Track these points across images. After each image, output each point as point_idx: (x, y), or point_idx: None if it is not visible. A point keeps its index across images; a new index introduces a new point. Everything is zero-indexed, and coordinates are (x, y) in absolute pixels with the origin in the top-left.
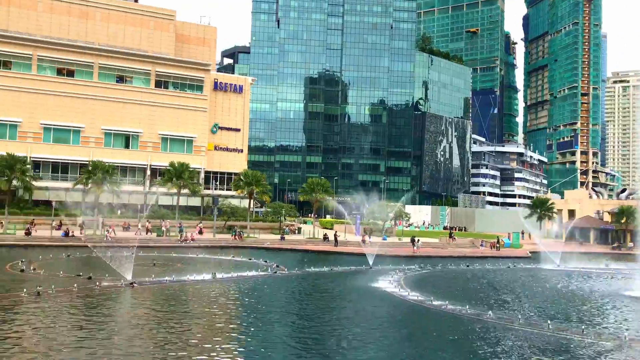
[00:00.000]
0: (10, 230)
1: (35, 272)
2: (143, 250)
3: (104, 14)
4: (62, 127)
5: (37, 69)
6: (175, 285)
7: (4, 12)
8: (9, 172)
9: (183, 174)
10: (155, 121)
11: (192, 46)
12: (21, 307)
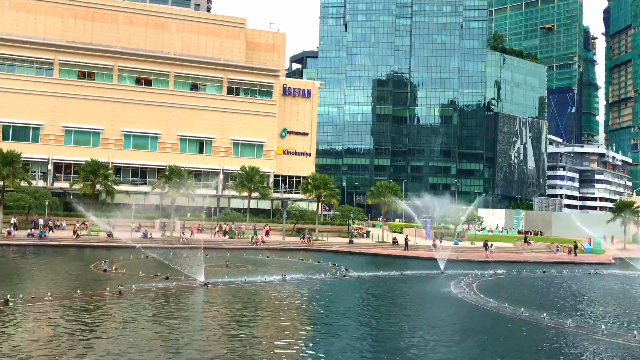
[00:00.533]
0: (94, 232)
1: (116, 272)
2: (216, 251)
3: (178, 25)
4: (141, 134)
5: (118, 79)
6: (246, 286)
7: (88, 26)
8: (93, 177)
9: (253, 177)
10: (227, 127)
11: (262, 53)
12: (104, 305)
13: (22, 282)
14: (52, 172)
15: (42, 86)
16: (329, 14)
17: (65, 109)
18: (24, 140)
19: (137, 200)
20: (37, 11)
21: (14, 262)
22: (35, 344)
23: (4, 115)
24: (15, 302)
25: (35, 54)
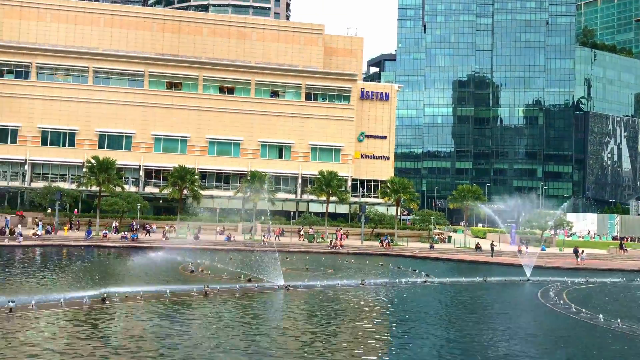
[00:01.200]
0: (181, 235)
1: (202, 273)
2: (296, 255)
3: (259, 34)
4: (224, 141)
5: (203, 88)
6: (326, 290)
7: (175, 38)
8: (181, 182)
9: (331, 182)
10: (306, 132)
11: (340, 58)
12: (192, 305)
13: (117, 281)
14: (143, 177)
15: (134, 97)
16: (407, 16)
17: (155, 118)
18: (118, 148)
19: (221, 204)
20: (128, 26)
21: (109, 263)
22: (128, 340)
23: (100, 125)
24: (112, 300)
25: (127, 67)
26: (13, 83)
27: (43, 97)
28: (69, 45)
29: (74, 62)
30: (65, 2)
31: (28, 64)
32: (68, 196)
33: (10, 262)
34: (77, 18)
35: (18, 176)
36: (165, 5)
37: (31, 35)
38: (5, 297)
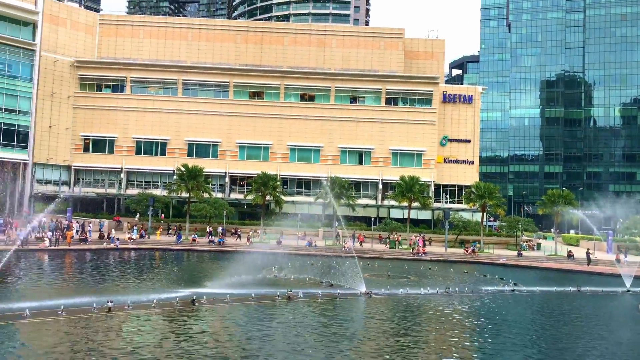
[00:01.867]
0: (266, 239)
1: (285, 277)
2: (377, 261)
3: (338, 41)
4: (305, 147)
5: (284, 96)
6: (408, 297)
7: (258, 49)
8: (264, 188)
9: (413, 187)
10: (386, 137)
11: (421, 61)
12: (276, 308)
13: (203, 283)
14: (229, 184)
15: (220, 107)
16: (490, 16)
17: (239, 127)
18: (205, 156)
19: (302, 209)
20: (214, 39)
21: (197, 266)
22: (215, 342)
23: (189, 135)
24: (200, 302)
25: (213, 78)
26: (110, 97)
27: (137, 109)
28: (160, 60)
29: (165, 75)
30: (156, 19)
31: (123, 78)
32: (160, 202)
33: (109, 264)
34: (167, 33)
35: (115, 183)
36: (249, 18)
37: (126, 52)
38: (104, 297)
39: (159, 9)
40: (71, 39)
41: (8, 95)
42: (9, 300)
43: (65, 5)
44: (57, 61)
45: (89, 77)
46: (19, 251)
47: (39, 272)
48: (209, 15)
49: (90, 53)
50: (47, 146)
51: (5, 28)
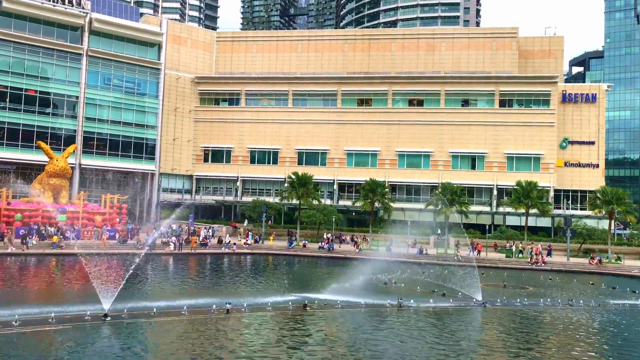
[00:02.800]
0: (374, 246)
1: (396, 285)
2: (492, 270)
3: (448, 44)
4: (414, 153)
5: (392, 102)
6: (527, 308)
7: (365, 57)
8: (372, 195)
9: (531, 193)
10: (500, 140)
11: (537, 60)
12: (386, 316)
13: (315, 289)
14: (337, 191)
15: (328, 115)
16: (615, 7)
17: (347, 134)
18: (314, 164)
19: (412, 217)
20: (322, 49)
21: (308, 271)
22: (325, 347)
23: (299, 144)
24: (312, 307)
25: (322, 88)
26: (227, 109)
27: (251, 121)
28: (271, 72)
29: (276, 86)
30: (268, 34)
31: (239, 92)
32: (272, 209)
33: (226, 267)
34: (278, 47)
35: (232, 191)
36: (356, 26)
37: (241, 66)
38: (223, 299)
39: (271, 24)
40: (191, 57)
41: (137, 111)
42: (139, 300)
43: (186, 26)
44: (179, 78)
45: (207, 91)
46: (148, 254)
47: (164, 274)
48: (318, 26)
49: (209, 69)
50: (171, 157)
51: (134, 50)
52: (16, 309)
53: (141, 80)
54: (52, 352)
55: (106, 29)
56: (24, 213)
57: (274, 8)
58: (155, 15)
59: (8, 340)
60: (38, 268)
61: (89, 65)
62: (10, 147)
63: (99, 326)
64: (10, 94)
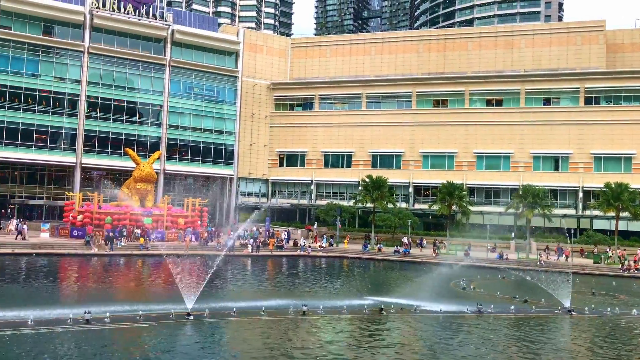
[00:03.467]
0: (451, 251)
1: (475, 291)
2: (579, 277)
3: (528, 40)
4: (493, 154)
5: (469, 102)
6: (618, 318)
7: (441, 57)
8: (449, 198)
9: (621, 195)
10: (586, 140)
11: (627, 54)
12: (465, 323)
13: (391, 293)
14: (413, 194)
15: (402, 117)
16: None
17: (422, 136)
18: (389, 167)
19: (491, 220)
20: (396, 51)
21: (384, 275)
22: (404, 352)
23: (372, 147)
24: (388, 311)
25: (396, 90)
26: (301, 114)
27: (325, 125)
28: (345, 76)
29: (350, 90)
30: (341, 38)
31: (312, 96)
32: (346, 212)
33: (302, 270)
34: (351, 50)
35: (306, 195)
36: (431, 26)
37: (314, 71)
38: (299, 301)
39: (344, 28)
40: (267, 64)
41: (217, 118)
42: (220, 300)
43: (262, 34)
44: (255, 85)
45: (282, 97)
46: (227, 256)
47: (243, 275)
48: (391, 28)
49: (283, 75)
50: (248, 162)
51: (213, 59)
52: (108, 307)
53: (220, 88)
54: (139, 347)
55: (187, 39)
56: (113, 216)
57: (347, 12)
58: (232, 25)
59: (102, 335)
60: (127, 268)
61: (171, 75)
62: (100, 154)
63: (182, 324)
64: (101, 104)
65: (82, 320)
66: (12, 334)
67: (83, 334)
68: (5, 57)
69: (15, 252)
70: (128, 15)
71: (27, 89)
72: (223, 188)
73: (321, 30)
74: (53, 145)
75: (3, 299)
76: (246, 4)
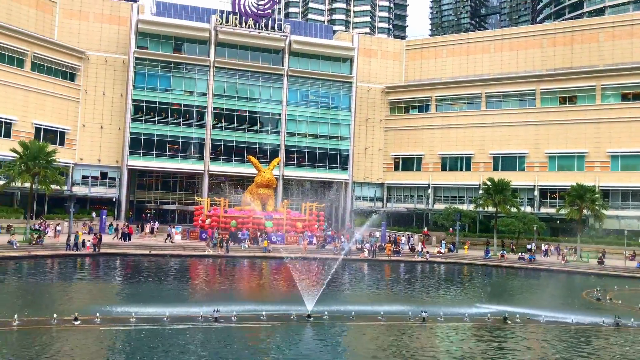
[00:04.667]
0: (584, 258)
1: (611, 302)
2: None
3: None
4: (631, 154)
5: (601, 98)
6: None
7: (567, 51)
8: (579, 202)
9: None
10: None
11: None
12: (600, 337)
13: (516, 302)
14: (538, 198)
15: (525, 117)
16: None
17: (548, 136)
18: (511, 169)
19: (630, 225)
20: (518, 47)
21: (507, 283)
22: None
23: (493, 148)
24: (513, 320)
25: (518, 88)
26: (417, 117)
27: (442, 127)
28: (462, 76)
29: (468, 90)
30: (458, 37)
31: (428, 98)
32: (466, 217)
33: (420, 275)
34: (469, 49)
35: (423, 199)
36: (555, 19)
37: (430, 72)
38: (418, 307)
39: (460, 27)
40: (381, 68)
41: (332, 124)
42: (338, 303)
43: (376, 38)
44: (370, 89)
45: (397, 100)
46: (344, 260)
47: (360, 279)
48: (511, 24)
49: (398, 78)
50: (363, 166)
51: (328, 66)
52: (234, 306)
53: (335, 94)
54: (263, 346)
55: (303, 49)
56: (237, 220)
57: (463, 11)
58: (347, 32)
59: (229, 333)
60: (250, 269)
61: (289, 84)
62: (225, 161)
63: (303, 326)
64: (225, 115)
65: (211, 318)
66: (150, 329)
67: (211, 331)
68: (142, 75)
69: (152, 253)
70: (249, 29)
71: (160, 103)
72: (339, 192)
73: (436, 30)
74: (184, 154)
75: (143, 296)
76: (360, 9)
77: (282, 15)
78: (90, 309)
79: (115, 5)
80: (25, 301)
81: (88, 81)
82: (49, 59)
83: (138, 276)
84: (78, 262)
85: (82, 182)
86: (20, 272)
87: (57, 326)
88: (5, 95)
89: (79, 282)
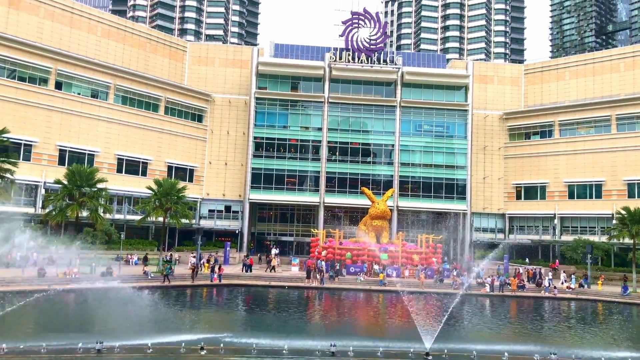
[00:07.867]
0: None
1: None
2: None
3: None
4: None
5: None
6: None
7: None
8: None
9: None
10: None
11: None
12: None
13: None
14: None
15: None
16: None
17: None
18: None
19: None
20: None
21: None
22: None
23: (627, 174)
24: None
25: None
26: (538, 143)
27: (567, 152)
28: (588, 98)
29: (595, 113)
30: (582, 57)
31: (551, 123)
32: (598, 249)
33: (547, 313)
34: (594, 69)
35: (548, 230)
36: None
37: (552, 96)
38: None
39: (584, 46)
40: (498, 94)
41: (447, 153)
42: (458, 341)
43: (492, 64)
44: (487, 116)
45: (517, 126)
46: (464, 295)
47: (481, 315)
48: None
49: (517, 103)
50: (482, 196)
51: (442, 95)
52: (350, 341)
53: (449, 123)
54: None
55: (416, 79)
56: (352, 252)
57: (587, 29)
58: (460, 59)
59: None
60: (366, 302)
61: (402, 114)
62: (340, 193)
63: None
64: (339, 148)
65: (328, 352)
66: None
67: None
68: (262, 113)
69: (271, 284)
70: (362, 64)
71: (279, 139)
72: (456, 223)
73: (557, 52)
74: (300, 187)
75: (262, 327)
76: (474, 36)
77: (394, 47)
78: (214, 340)
79: (237, 50)
80: (160, 327)
81: (214, 121)
82: (180, 103)
83: (257, 307)
84: (204, 292)
85: (208, 216)
86: (156, 300)
87: (184, 356)
88: (143, 138)
89: (205, 311)
